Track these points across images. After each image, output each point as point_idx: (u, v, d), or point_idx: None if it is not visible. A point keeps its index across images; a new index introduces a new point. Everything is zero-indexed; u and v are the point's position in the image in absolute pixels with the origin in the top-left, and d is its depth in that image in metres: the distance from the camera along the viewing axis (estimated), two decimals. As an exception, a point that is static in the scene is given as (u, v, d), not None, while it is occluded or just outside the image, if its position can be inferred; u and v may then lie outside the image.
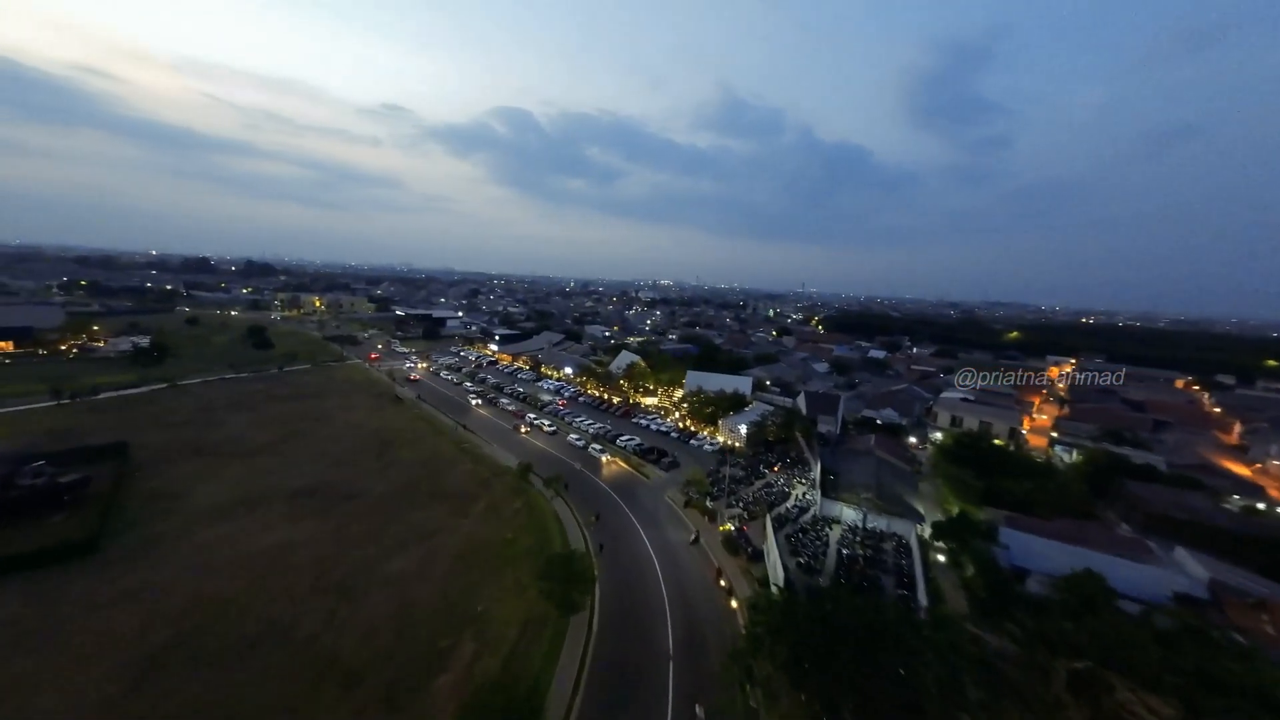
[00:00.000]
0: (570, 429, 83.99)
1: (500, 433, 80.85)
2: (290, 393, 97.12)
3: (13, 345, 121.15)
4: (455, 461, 67.84)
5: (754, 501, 59.64)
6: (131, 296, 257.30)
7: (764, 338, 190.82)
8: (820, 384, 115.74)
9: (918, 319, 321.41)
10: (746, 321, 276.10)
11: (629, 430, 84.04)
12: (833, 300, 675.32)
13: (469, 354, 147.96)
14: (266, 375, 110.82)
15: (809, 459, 70.67)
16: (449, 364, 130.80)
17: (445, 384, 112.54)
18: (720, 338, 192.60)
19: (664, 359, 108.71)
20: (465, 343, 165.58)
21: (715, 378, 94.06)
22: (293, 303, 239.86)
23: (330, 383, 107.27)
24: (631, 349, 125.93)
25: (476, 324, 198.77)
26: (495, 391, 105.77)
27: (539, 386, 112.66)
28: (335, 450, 69.20)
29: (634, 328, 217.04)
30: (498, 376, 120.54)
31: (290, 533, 48.74)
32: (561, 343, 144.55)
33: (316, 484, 59.02)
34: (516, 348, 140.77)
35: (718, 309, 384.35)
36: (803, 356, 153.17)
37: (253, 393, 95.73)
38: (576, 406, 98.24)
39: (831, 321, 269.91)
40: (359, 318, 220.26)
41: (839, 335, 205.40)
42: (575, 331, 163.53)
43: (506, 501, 57.27)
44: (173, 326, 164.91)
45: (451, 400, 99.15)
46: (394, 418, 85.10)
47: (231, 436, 72.23)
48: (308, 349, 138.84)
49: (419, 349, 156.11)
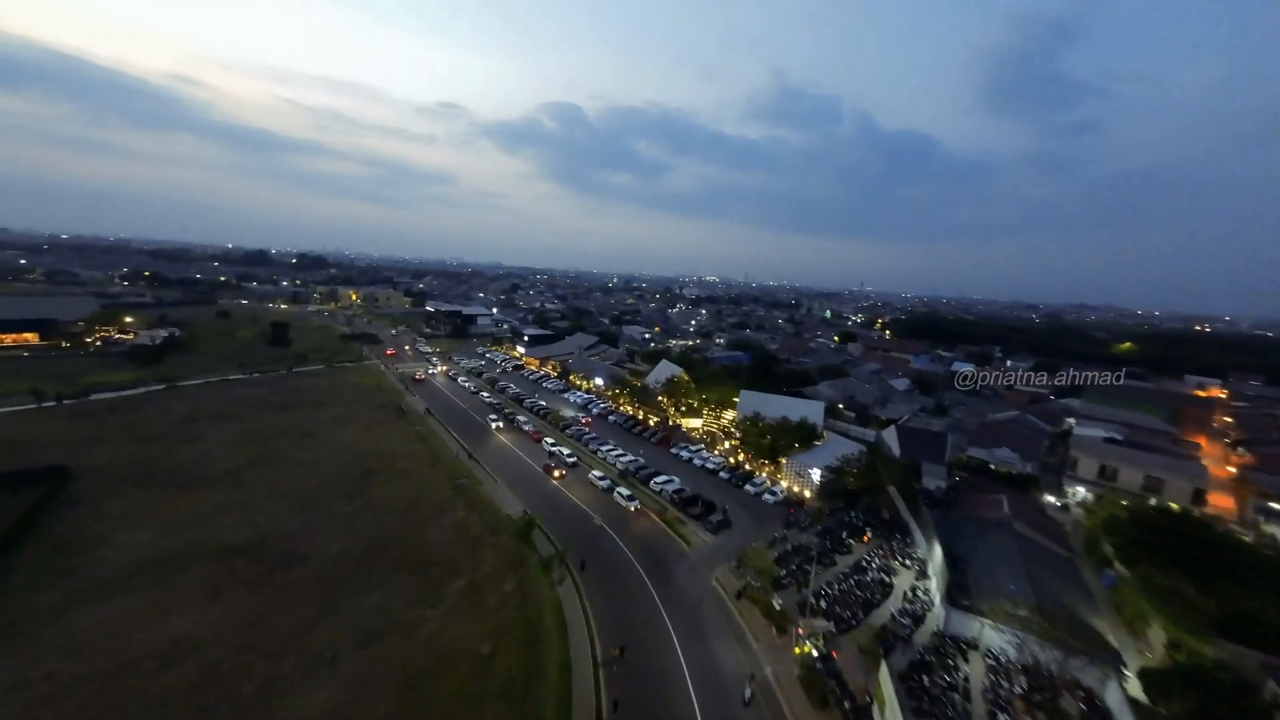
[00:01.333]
0: (594, 459, 68.16)
1: (509, 463, 66.02)
2: (288, 399, 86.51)
3: (37, 337, 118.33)
4: (444, 507, 53.32)
5: (842, 596, 41.61)
6: (184, 287, 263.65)
7: (825, 344, 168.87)
8: (902, 406, 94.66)
9: (997, 323, 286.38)
10: (801, 324, 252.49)
11: (667, 465, 67.31)
12: (893, 300, 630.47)
13: (495, 355, 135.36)
14: (273, 377, 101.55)
15: (909, 524, 51.57)
16: (470, 367, 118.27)
17: (461, 392, 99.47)
18: (774, 343, 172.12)
19: (711, 372, 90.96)
20: (494, 342, 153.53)
21: (775, 400, 75.64)
22: (330, 296, 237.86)
23: (336, 388, 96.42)
24: (672, 356, 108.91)
25: (509, 321, 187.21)
26: (514, 404, 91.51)
27: (565, 399, 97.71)
28: (305, 483, 56.30)
29: (677, 329, 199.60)
30: (521, 384, 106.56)
31: (194, 621, 35.27)
32: (594, 346, 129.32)
33: (262, 537, 45.83)
34: (544, 351, 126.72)
35: (768, 309, 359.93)
36: (874, 369, 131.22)
37: (249, 398, 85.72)
38: (605, 427, 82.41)
39: (900, 326, 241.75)
40: (390, 312, 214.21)
41: (910, 343, 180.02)
42: (611, 333, 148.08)
43: (496, 579, 41.92)
44: (204, 319, 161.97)
45: (461, 414, 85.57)
46: (389, 437, 72.07)
47: (197, 457, 60.96)
48: (326, 347, 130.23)
49: (444, 348, 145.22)
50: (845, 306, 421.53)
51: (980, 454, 71.98)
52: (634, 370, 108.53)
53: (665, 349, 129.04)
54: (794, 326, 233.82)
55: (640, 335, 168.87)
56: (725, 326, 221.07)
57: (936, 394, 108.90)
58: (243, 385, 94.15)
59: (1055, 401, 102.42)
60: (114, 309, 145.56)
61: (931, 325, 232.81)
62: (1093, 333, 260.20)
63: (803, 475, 61.82)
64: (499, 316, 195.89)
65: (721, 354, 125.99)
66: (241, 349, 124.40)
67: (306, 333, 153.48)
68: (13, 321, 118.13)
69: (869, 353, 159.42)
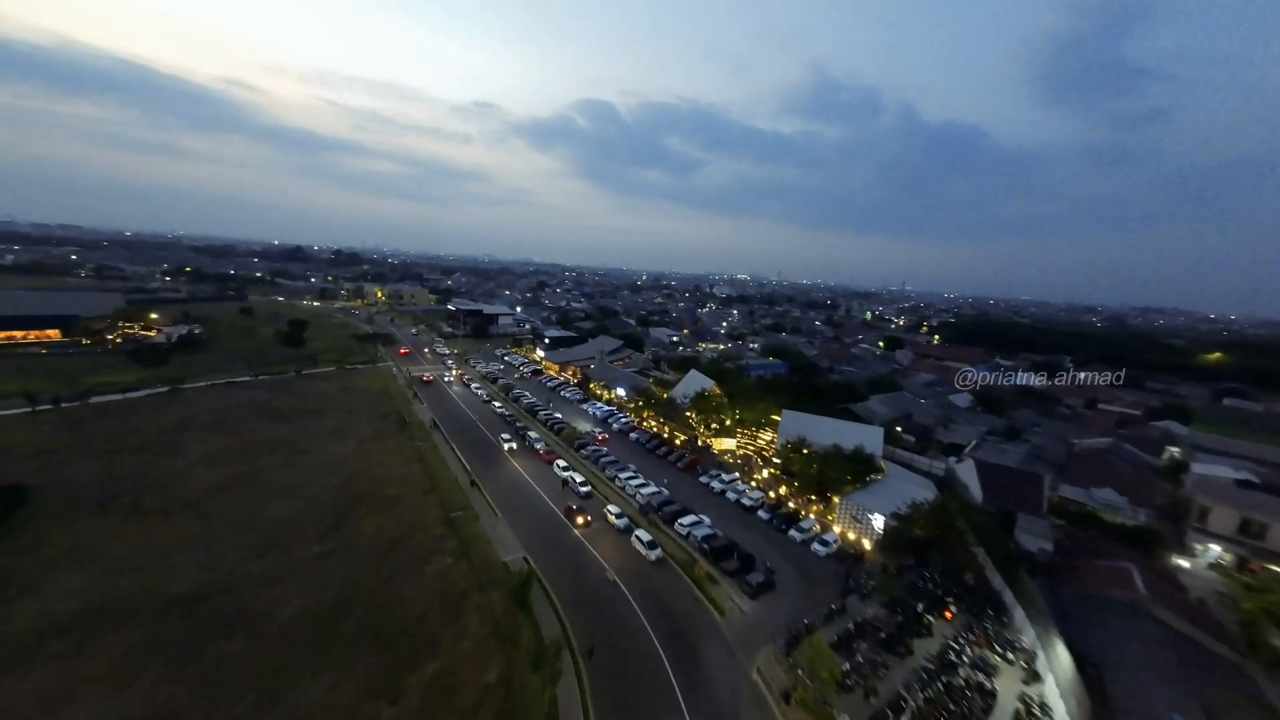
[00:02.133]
0: (611, 488, 59.05)
1: (515, 491, 57.60)
2: (288, 406, 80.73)
3: (60, 333, 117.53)
4: (431, 549, 45.14)
5: (929, 708, 31.16)
6: (217, 283, 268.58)
7: (869, 350, 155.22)
8: (968, 428, 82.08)
9: (1056, 328, 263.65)
10: (840, 326, 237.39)
11: (695, 497, 57.62)
12: (935, 301, 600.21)
13: (514, 358, 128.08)
14: (280, 380, 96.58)
15: (1002, 598, 40.49)
16: (485, 372, 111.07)
17: (473, 400, 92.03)
18: (813, 348, 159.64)
19: (746, 386, 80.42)
20: (513, 344, 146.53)
21: (824, 423, 64.83)
22: (357, 293, 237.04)
23: (341, 393, 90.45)
24: (702, 365, 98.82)
25: (531, 321, 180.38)
26: (528, 416, 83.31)
27: (583, 410, 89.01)
28: (279, 513, 49.17)
29: (707, 331, 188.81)
30: (537, 392, 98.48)
31: (92, 716, 27.85)
32: (618, 351, 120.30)
33: (211, 586, 38.61)
34: (565, 355, 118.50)
35: (803, 309, 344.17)
36: (927, 381, 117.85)
37: (248, 404, 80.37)
38: (625, 447, 73.23)
39: (950, 330, 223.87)
40: (413, 310, 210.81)
41: (964, 350, 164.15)
42: (636, 336, 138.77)
43: (477, 662, 33.28)
44: (227, 316, 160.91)
45: (470, 428, 77.88)
46: (386, 454, 64.73)
47: (172, 476, 54.92)
48: (340, 347, 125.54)
49: (462, 349, 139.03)
50: (885, 307, 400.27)
51: (1075, 494, 59.52)
52: (660, 380, 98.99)
53: (694, 355, 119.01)
54: (833, 330, 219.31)
55: (668, 338, 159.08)
56: (759, 329, 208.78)
57: (1006, 413, 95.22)
58: (246, 389, 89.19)
59: (1151, 426, 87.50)
60: (139, 305, 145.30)
61: (986, 330, 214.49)
62: (1167, 340, 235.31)
63: (860, 520, 51.08)
64: (521, 316, 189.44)
65: (756, 363, 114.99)
66: (256, 348, 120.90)
67: (326, 330, 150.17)
68: (36, 318, 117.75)
69: (919, 361, 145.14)
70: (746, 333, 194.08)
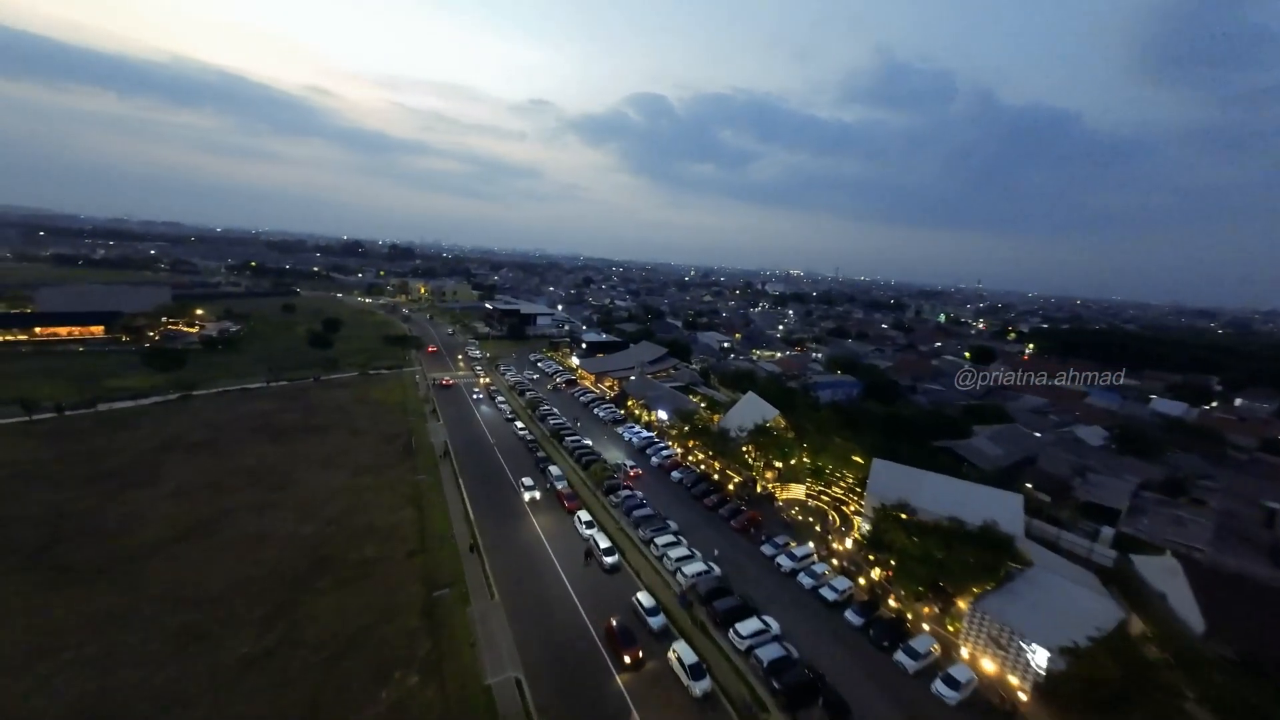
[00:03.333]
0: (644, 556, 45.49)
1: (524, 559, 45.11)
2: (292, 422, 72.54)
3: (104, 330, 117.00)
4: (394, 658, 33.19)
5: None
6: (276, 277, 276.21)
7: (954, 363, 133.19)
8: (1114, 481, 62.35)
9: (1173, 336, 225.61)
10: (912, 331, 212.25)
11: (758, 580, 43.11)
12: (1015, 301, 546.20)
13: (548, 364, 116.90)
14: (296, 387, 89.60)
15: None
16: (514, 381, 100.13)
17: (495, 418, 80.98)
18: (884, 357, 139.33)
19: (820, 420, 64.23)
20: (549, 347, 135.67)
21: (932, 483, 48.37)
22: (401, 289, 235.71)
23: (354, 405, 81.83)
24: (760, 381, 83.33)
25: (571, 321, 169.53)
26: (553, 443, 71.10)
27: (618, 434, 75.91)
28: (223, 582, 38.96)
29: (762, 336, 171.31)
30: (568, 408, 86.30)
31: None
32: (661, 360, 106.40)
33: (88, 712, 28.24)
34: (602, 364, 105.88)
35: (866, 310, 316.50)
36: (1034, 406, 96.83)
37: (251, 418, 72.86)
38: (664, 488, 59.45)
39: (1046, 338, 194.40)
40: (454, 307, 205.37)
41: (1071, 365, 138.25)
42: (682, 344, 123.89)
43: None
44: (269, 312, 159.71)
45: (486, 458, 66.47)
46: (379, 493, 54.05)
47: (127, 518, 46.46)
48: (369, 349, 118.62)
49: (495, 351, 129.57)
50: (961, 309, 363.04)
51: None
52: (709, 398, 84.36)
53: (749, 369, 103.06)
54: (905, 335, 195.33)
55: (717, 344, 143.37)
56: (820, 334, 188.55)
57: (1158, 456, 73.77)
58: (257, 398, 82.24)
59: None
60: (186, 301, 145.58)
61: (1091, 340, 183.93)
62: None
63: (1006, 647, 34.89)
64: (561, 316, 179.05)
65: (824, 380, 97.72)
66: (286, 348, 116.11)
67: (361, 329, 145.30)
68: (81, 314, 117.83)
69: (1019, 379, 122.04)
70: (807, 338, 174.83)
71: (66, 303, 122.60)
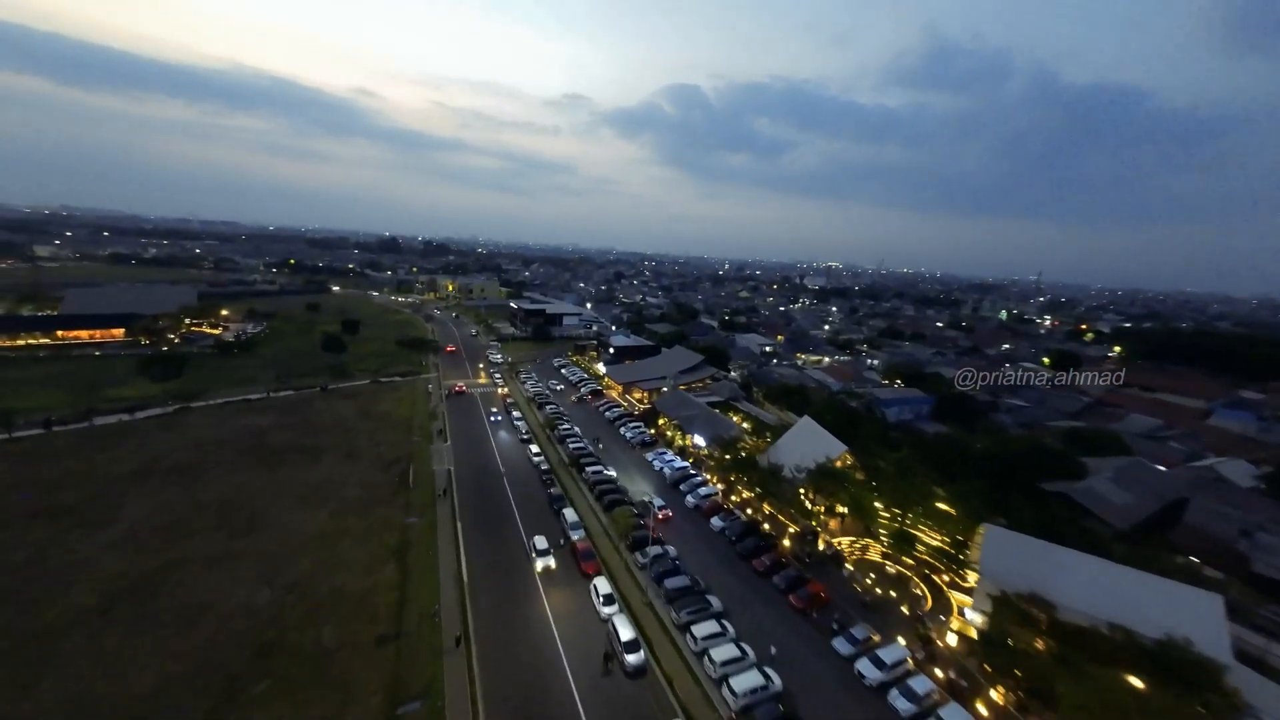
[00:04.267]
0: (674, 646, 34.81)
1: (528, 661, 35.17)
2: (284, 441, 65.28)
3: (124, 332, 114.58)
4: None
5: None
6: (311, 274, 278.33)
7: (1030, 372, 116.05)
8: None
9: None
10: (972, 330, 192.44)
11: (832, 693, 31.77)
12: (1078, 295, 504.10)
13: (573, 371, 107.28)
14: (299, 398, 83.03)
15: None
16: (534, 392, 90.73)
17: (509, 441, 71.80)
18: (946, 361, 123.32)
19: (899, 459, 51.46)
20: (575, 351, 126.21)
21: (1072, 563, 35.62)
22: (430, 286, 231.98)
23: (357, 420, 74.24)
24: (817, 406, 70.88)
25: (599, 322, 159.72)
26: (570, 474, 61.15)
27: (648, 462, 65.30)
28: (142, 680, 30.60)
29: (804, 337, 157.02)
30: (591, 426, 76.32)
31: None
32: (696, 369, 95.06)
33: None
34: (631, 372, 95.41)
35: (917, 305, 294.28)
36: (1149, 429, 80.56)
37: (241, 435, 66.11)
38: (702, 541, 48.46)
39: (1136, 341, 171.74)
40: (480, 305, 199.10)
41: (1179, 376, 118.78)
42: (719, 349, 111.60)
43: None
44: (295, 311, 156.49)
45: (492, 492, 57.15)
46: (359, 543, 45.28)
47: (65, 569, 39.42)
48: (385, 353, 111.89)
49: (517, 356, 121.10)
50: (1018, 303, 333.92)
51: None
52: (754, 419, 72.60)
53: (798, 383, 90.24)
54: (966, 335, 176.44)
55: (758, 348, 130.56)
56: (871, 335, 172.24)
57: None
58: (257, 410, 75.77)
59: None
60: (210, 300, 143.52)
61: (1192, 342, 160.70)
62: None
63: None
64: (590, 316, 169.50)
65: (888, 396, 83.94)
66: (302, 351, 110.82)
67: (381, 329, 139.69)
68: (102, 316, 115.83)
69: (1117, 391, 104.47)
70: (856, 340, 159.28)
71: (91, 304, 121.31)
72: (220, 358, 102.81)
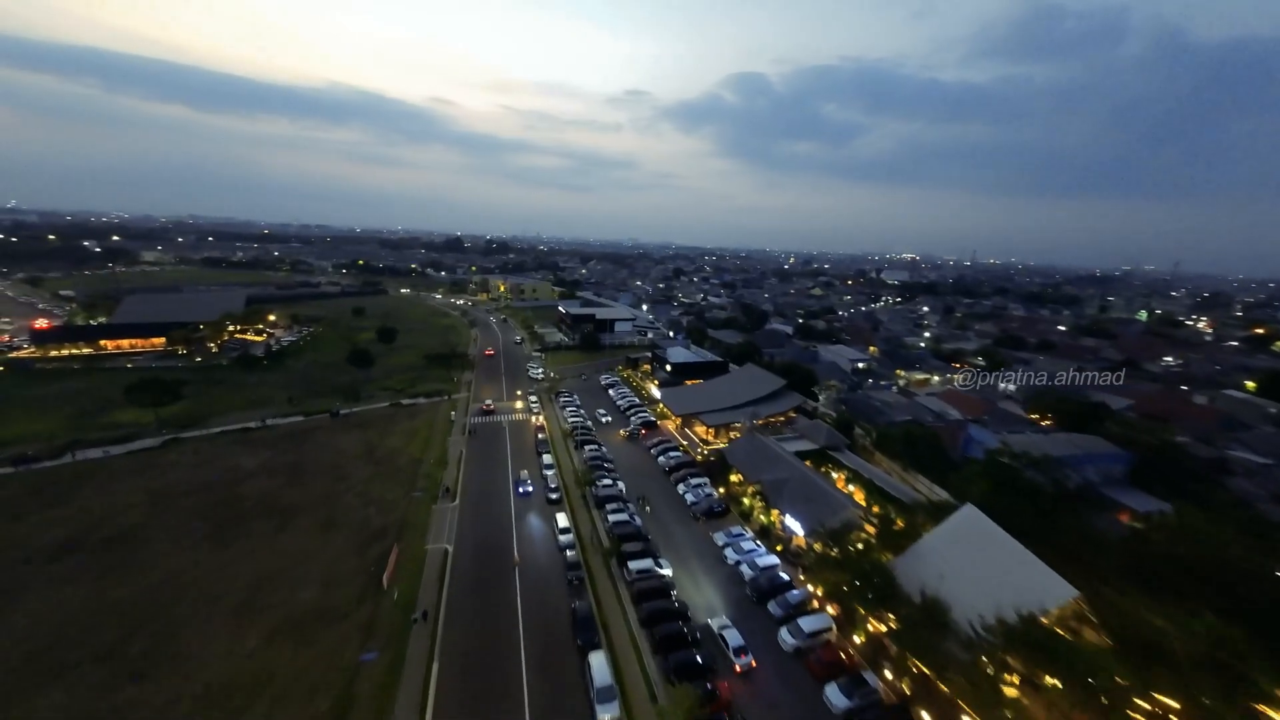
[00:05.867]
0: None
1: None
2: (261, 494, 52.80)
3: (164, 341, 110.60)
4: None
5: None
6: (373, 274, 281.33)
7: (1228, 398, 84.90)
8: None
9: None
10: (1112, 336, 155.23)
11: None
12: (1222, 286, 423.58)
13: (622, 393, 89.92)
14: (307, 426, 71.72)
15: None
16: (572, 424, 74.16)
17: (535, 495, 55.60)
18: (1106, 388, 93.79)
19: (1223, 640, 28.64)
20: (626, 365, 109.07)
21: None
22: (483, 286, 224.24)
23: (357, 463, 60.98)
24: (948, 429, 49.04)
25: (655, 328, 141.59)
26: (608, 571, 43.56)
27: (716, 544, 46.54)
28: None
29: (898, 346, 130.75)
30: (641, 478, 58.58)
31: None
32: (776, 397, 74.67)
33: None
34: (692, 400, 76.53)
35: (1026, 303, 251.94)
36: None
37: (216, 484, 54.41)
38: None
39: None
40: (529, 306, 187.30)
41: None
42: (802, 370, 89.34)
43: None
44: (341, 315, 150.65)
45: (497, 608, 40.74)
46: (281, 705, 30.25)
47: None
48: (415, 369, 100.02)
49: (560, 370, 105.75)
50: (1149, 296, 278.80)
51: None
52: (868, 484, 51.79)
53: (926, 430, 66.87)
54: (1109, 343, 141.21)
55: (849, 363, 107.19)
56: (980, 342, 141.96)
57: None
58: (247, 445, 64.63)
59: None
60: (258, 306, 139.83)
61: None
62: None
63: None
64: (645, 320, 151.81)
65: (1066, 448, 58.99)
66: (326, 365, 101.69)
67: (422, 336, 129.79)
68: (145, 325, 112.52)
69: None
70: (967, 349, 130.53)
71: (146, 311, 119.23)
72: (244, 371, 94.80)
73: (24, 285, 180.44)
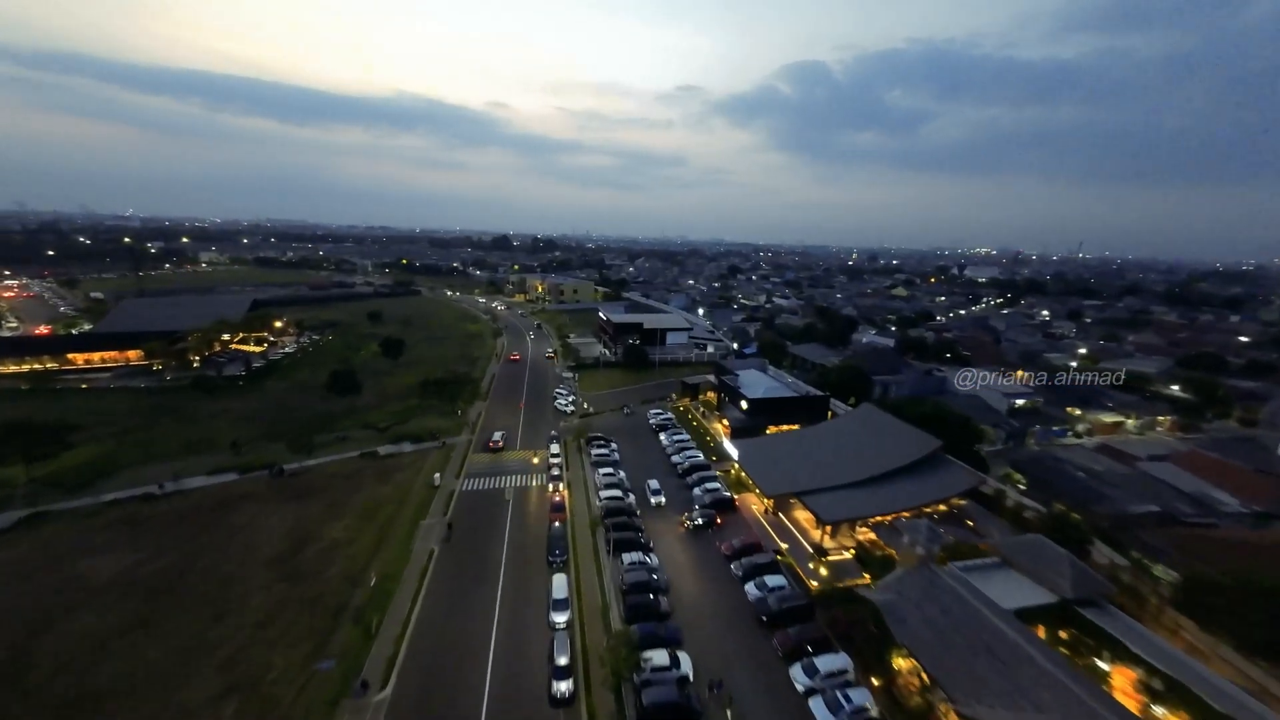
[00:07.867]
0: None
1: None
2: (98, 636, 31.26)
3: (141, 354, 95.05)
4: None
5: None
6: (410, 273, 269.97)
7: None
8: None
9: None
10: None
11: None
12: None
13: (676, 439, 64.08)
14: (240, 487, 50.86)
15: None
16: (608, 498, 49.33)
17: (531, 670, 31.08)
18: None
19: None
20: (683, 392, 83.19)
21: None
22: (520, 286, 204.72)
23: (270, 572, 38.72)
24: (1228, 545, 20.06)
25: (715, 340, 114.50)
26: None
27: None
28: None
29: (1053, 369, 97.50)
30: (717, 625, 32.96)
31: None
32: (930, 469, 46.54)
33: None
34: (789, 465, 49.43)
35: (1172, 306, 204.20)
36: None
37: (43, 611, 33.48)
38: None
39: None
40: (570, 308, 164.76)
41: None
42: (956, 417, 59.37)
43: None
44: (352, 321, 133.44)
45: None
46: None
47: None
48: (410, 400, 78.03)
49: (596, 398, 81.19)
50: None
51: None
52: None
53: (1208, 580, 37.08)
54: None
55: (1006, 401, 76.00)
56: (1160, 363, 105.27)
57: None
58: (131, 528, 44.08)
59: None
60: (264, 311, 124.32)
61: None
62: None
63: None
64: (702, 327, 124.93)
65: None
66: (307, 387, 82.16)
67: (435, 347, 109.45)
68: (122, 336, 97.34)
69: None
70: (1148, 373, 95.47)
71: (136, 320, 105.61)
72: (205, 396, 76.27)
73: (62, 286, 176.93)
